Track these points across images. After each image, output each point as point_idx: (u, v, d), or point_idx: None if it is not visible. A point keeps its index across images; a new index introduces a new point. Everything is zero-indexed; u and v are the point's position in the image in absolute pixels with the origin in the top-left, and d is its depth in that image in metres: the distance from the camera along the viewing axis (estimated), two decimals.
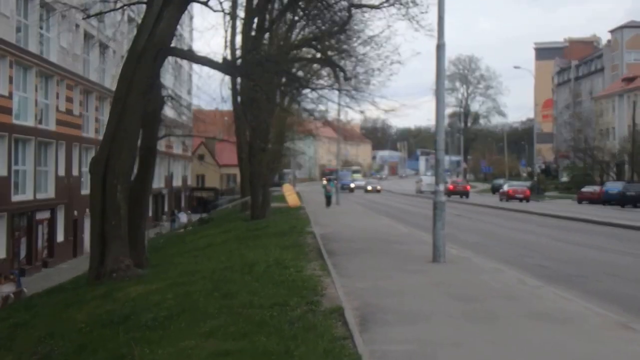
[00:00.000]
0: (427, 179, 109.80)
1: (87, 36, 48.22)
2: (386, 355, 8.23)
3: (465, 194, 76.95)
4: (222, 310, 10.97)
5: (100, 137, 23.15)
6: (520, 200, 64.82)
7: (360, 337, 9.05)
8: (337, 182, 57.82)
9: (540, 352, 8.50)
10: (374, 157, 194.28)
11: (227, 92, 30.96)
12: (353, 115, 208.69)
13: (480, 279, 14.65)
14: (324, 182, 58.94)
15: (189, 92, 60.24)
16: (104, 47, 50.00)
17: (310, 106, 31.06)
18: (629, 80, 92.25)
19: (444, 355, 8.25)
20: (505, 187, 69.97)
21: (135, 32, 20.77)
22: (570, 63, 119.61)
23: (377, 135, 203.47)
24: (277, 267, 15.59)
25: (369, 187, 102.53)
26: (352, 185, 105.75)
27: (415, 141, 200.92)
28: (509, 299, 12.12)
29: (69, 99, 45.09)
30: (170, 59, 23.00)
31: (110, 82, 48.82)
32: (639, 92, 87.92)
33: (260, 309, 10.87)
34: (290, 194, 52.91)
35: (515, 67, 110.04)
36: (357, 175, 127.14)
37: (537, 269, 17.23)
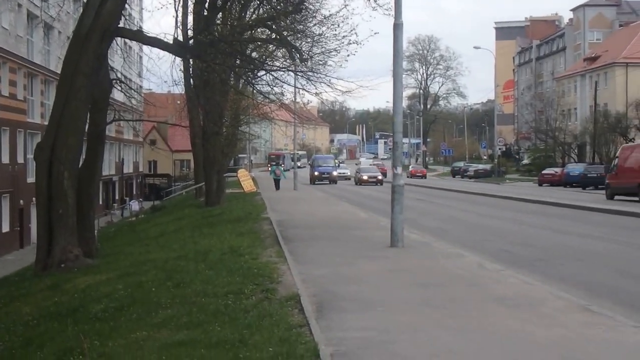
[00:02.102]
0: (366, 163, 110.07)
1: (31, 16, 47.52)
2: (343, 342, 8.29)
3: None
4: (175, 300, 10.96)
5: (46, 122, 22.88)
6: (421, 177, 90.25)
7: (317, 324, 9.09)
8: (283, 166, 68.62)
9: (501, 337, 8.62)
10: (331, 141, 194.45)
11: (179, 75, 30.67)
12: (310, 98, 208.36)
13: (440, 264, 14.78)
14: (269, 167, 73.34)
15: (139, 75, 59.72)
16: (48, 28, 49.32)
17: (265, 89, 30.89)
18: (591, 59, 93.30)
19: (403, 342, 8.33)
20: (410, 168, 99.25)
21: (81, 11, 20.52)
22: (532, 43, 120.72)
23: (335, 119, 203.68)
24: (232, 255, 15.60)
25: (365, 177, 69.36)
26: (337, 172, 74.90)
27: (375, 124, 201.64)
28: (470, 284, 12.25)
29: (12, 83, 44.43)
30: (118, 39, 22.75)
31: (56, 65, 48.18)
32: (601, 72, 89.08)
33: (215, 297, 10.88)
34: (245, 180, 52.77)
35: (475, 48, 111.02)
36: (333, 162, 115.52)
37: (498, 253, 17.41)
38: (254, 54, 30.54)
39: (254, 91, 33.41)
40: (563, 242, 20.17)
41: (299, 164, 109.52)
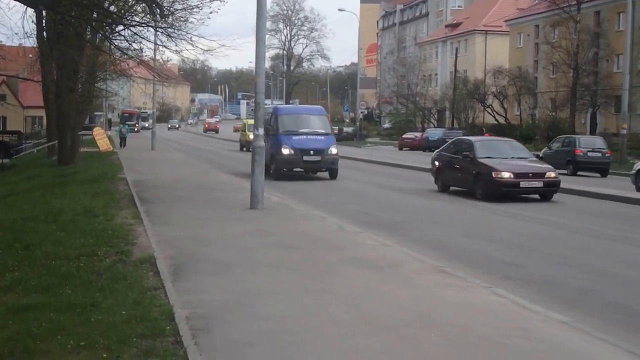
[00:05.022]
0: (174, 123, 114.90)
1: None
2: (201, 305, 8.23)
3: (216, 131, 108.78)
4: (24, 263, 10.59)
5: None
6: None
7: (173, 287, 9.00)
8: (137, 126, 58.92)
9: (359, 297, 8.76)
10: (192, 100, 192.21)
11: (32, 27, 29.56)
12: (171, 56, 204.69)
13: (300, 226, 14.88)
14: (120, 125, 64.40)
15: None
16: None
17: (124, 44, 30.05)
18: (453, 26, 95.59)
19: (261, 304, 8.34)
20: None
21: None
22: (395, 7, 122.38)
23: (197, 78, 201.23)
24: (85, 216, 15.24)
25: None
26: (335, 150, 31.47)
27: (237, 84, 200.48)
28: (329, 246, 12.39)
29: None
30: None
31: None
32: (462, 39, 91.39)
33: (66, 260, 10.59)
34: (101, 138, 51.57)
35: (340, 10, 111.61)
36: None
37: (358, 216, 17.68)
38: (112, 8, 29.72)
39: (112, 47, 32.54)
40: (422, 205, 20.65)
41: (145, 124, 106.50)
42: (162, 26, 24.85)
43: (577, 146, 36.11)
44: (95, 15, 26.08)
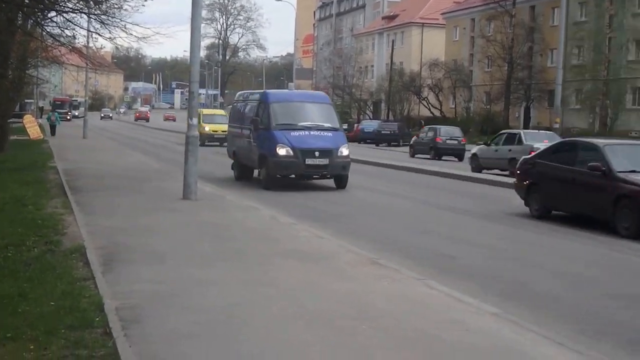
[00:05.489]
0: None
1: None
2: (131, 295, 8.15)
3: (146, 119, 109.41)
4: None
5: None
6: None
7: (103, 277, 8.90)
8: (70, 114, 57.97)
9: (293, 289, 8.76)
10: (126, 89, 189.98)
11: None
12: (104, 43, 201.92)
13: (233, 217, 14.82)
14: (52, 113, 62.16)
15: None
16: None
17: (56, 31, 29.59)
18: (390, 18, 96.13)
19: (193, 294, 8.30)
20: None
21: None
22: None
23: (131, 65, 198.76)
24: (14, 205, 14.99)
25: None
26: (346, 150, 23.63)
27: (172, 73, 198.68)
28: (263, 237, 12.36)
29: None
30: None
31: None
32: (398, 31, 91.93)
33: None
34: (31, 126, 50.71)
35: (277, 0, 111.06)
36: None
37: (292, 207, 17.67)
38: None
39: (44, 33, 31.99)
40: (357, 197, 20.71)
41: (75, 113, 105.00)
42: (96, 13, 24.48)
43: (438, 135, 41.80)
44: (27, 1, 25.61)
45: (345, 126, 43.82)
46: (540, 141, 28.81)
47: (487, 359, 6.66)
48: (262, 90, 27.23)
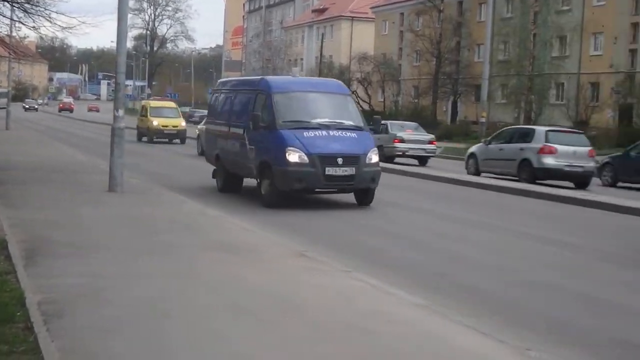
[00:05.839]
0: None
1: None
2: (54, 289, 8.02)
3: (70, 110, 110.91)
4: None
5: None
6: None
7: (25, 271, 8.74)
8: None
9: (219, 282, 8.74)
10: (50, 79, 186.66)
11: None
12: (28, 32, 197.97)
13: (160, 209, 14.70)
14: None
15: None
16: None
17: None
18: (319, 11, 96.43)
19: (119, 289, 8.20)
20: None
21: None
22: None
23: (56, 56, 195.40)
24: None
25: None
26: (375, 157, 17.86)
27: (98, 64, 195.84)
28: (191, 230, 12.29)
29: None
30: None
31: None
32: (328, 24, 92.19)
33: None
34: None
35: None
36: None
37: (219, 200, 17.61)
38: None
39: None
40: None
41: None
42: (19, 1, 24.03)
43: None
44: None
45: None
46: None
47: (410, 348, 6.72)
48: (258, 77, 21.00)
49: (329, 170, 16.26)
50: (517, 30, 61.54)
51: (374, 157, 17.02)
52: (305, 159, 16.21)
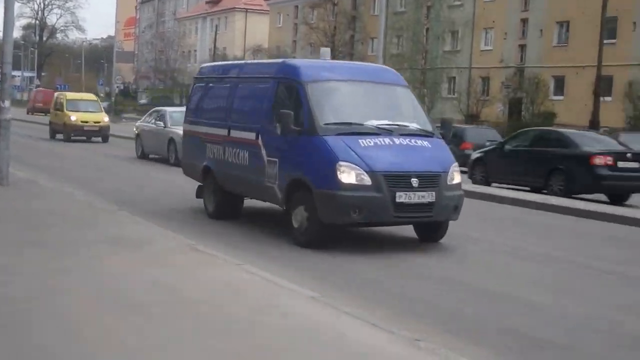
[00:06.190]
0: None
1: None
2: None
3: None
4: None
5: None
6: None
7: None
8: None
9: (108, 276, 8.57)
10: None
11: None
12: None
13: (48, 202, 14.37)
14: None
15: None
16: None
17: None
18: (213, 3, 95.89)
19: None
20: None
21: None
22: None
23: None
24: None
25: None
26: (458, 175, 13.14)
27: None
28: (79, 224, 12.03)
29: None
30: None
31: None
32: (222, 16, 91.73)
33: None
34: None
35: None
36: None
37: (111, 193, 17.33)
38: None
39: None
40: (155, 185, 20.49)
41: None
42: None
43: None
44: None
45: None
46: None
47: (301, 339, 6.75)
48: (277, 61, 15.40)
49: (401, 196, 11.35)
50: (410, 24, 62.48)
51: (456, 177, 12.18)
52: (367, 179, 11.31)
